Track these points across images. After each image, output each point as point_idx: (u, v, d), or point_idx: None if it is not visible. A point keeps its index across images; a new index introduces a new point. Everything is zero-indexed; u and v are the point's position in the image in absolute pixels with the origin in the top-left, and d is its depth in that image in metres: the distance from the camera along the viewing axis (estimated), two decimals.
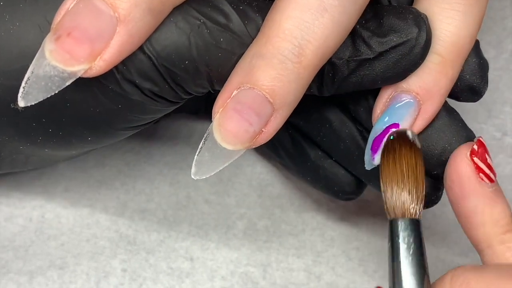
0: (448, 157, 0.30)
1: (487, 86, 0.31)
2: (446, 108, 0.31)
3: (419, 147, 0.29)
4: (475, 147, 0.29)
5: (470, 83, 0.30)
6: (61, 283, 0.35)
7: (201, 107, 0.40)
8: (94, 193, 0.38)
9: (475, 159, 0.29)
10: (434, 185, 0.32)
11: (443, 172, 0.31)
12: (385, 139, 0.29)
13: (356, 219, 0.39)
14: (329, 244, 0.38)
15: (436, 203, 0.32)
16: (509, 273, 0.26)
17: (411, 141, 0.29)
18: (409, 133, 0.29)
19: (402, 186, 0.28)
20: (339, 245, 0.38)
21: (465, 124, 0.31)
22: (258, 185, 0.39)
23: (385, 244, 0.38)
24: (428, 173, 0.31)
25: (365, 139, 0.32)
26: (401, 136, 0.29)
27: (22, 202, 0.37)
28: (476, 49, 0.30)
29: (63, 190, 0.38)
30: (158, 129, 0.41)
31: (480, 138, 0.30)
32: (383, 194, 0.28)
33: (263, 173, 0.40)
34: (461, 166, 0.29)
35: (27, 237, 0.36)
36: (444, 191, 0.32)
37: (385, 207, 0.28)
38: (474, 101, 0.31)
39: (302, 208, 0.39)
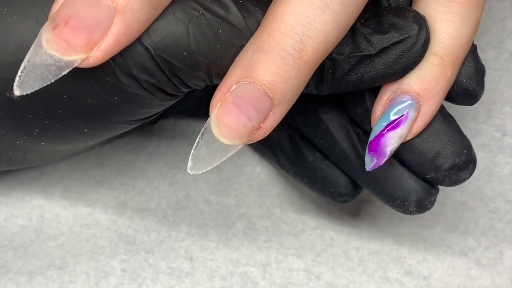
0: (441, 162, 0.30)
1: (483, 90, 0.31)
2: (442, 114, 0.31)
3: None
4: None
5: (467, 87, 0.30)
6: (60, 283, 0.35)
7: (201, 109, 0.40)
8: (94, 193, 0.38)
9: None
10: (427, 190, 0.32)
11: (437, 177, 0.31)
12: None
13: (356, 219, 0.39)
14: (329, 244, 0.38)
15: (429, 208, 0.32)
16: None
17: None
18: None
19: None
20: (339, 245, 0.38)
21: (461, 130, 0.31)
22: (257, 185, 0.39)
23: (386, 244, 0.38)
24: (421, 178, 0.31)
25: (362, 142, 0.32)
26: None
27: (21, 202, 0.37)
28: (473, 53, 0.31)
29: (63, 190, 0.38)
30: (157, 130, 0.41)
31: None
32: None
33: (263, 173, 0.40)
34: None
35: (27, 237, 0.36)
36: (438, 195, 0.32)
37: None
38: (470, 104, 0.31)
39: (302, 208, 0.39)
